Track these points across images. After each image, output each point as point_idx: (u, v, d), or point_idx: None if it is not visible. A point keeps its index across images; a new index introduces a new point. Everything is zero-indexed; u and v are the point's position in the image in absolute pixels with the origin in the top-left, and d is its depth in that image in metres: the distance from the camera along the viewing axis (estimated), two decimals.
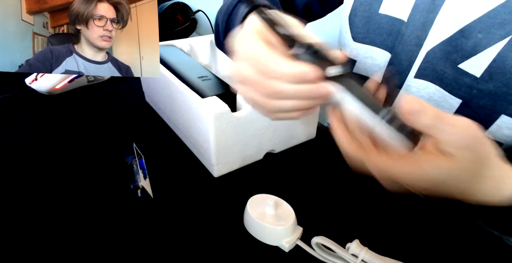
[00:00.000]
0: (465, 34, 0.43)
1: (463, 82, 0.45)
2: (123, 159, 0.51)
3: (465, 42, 0.43)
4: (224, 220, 0.42)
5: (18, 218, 0.42)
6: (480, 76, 0.43)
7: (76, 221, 0.42)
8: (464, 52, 0.44)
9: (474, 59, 0.43)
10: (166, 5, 1.02)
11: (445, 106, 0.48)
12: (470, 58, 0.44)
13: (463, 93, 0.46)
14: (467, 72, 0.44)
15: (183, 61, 0.57)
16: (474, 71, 0.44)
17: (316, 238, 0.37)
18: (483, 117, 0.45)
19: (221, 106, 0.43)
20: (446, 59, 0.46)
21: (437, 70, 0.47)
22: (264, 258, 0.38)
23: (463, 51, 0.44)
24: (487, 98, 0.44)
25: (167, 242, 0.40)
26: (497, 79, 0.42)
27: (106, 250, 0.38)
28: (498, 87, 0.42)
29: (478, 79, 0.44)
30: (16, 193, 0.46)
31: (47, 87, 0.67)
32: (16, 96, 0.68)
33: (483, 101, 0.45)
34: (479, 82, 0.44)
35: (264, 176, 0.50)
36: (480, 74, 0.43)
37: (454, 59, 0.45)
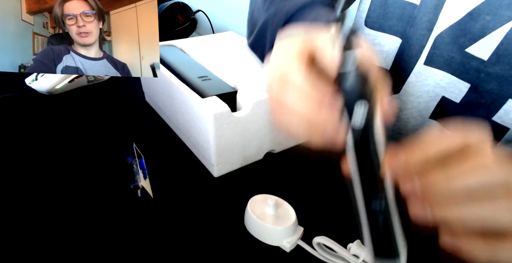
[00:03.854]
0: (474, 17, 0.43)
1: (471, 66, 0.45)
2: (123, 159, 0.51)
3: (473, 25, 0.43)
4: (225, 220, 0.42)
5: (18, 218, 0.42)
6: (487, 59, 0.43)
7: (76, 221, 0.42)
8: (472, 36, 0.44)
9: (482, 42, 0.43)
10: (166, 5, 1.02)
11: (454, 92, 0.48)
12: (477, 41, 0.43)
13: (471, 78, 0.45)
14: (475, 55, 0.44)
15: (183, 61, 0.57)
16: (482, 54, 0.43)
17: (317, 238, 0.36)
18: (491, 102, 0.45)
19: (221, 106, 0.43)
20: (454, 43, 0.45)
21: (445, 55, 0.47)
22: (265, 258, 0.38)
23: (471, 34, 0.44)
24: (494, 82, 0.44)
25: (167, 242, 0.39)
26: (504, 62, 0.42)
27: (106, 250, 0.38)
28: (505, 70, 0.42)
29: (485, 62, 0.43)
30: (16, 192, 0.46)
31: (47, 87, 0.66)
32: (16, 96, 0.68)
33: (490, 86, 0.44)
34: (486, 66, 0.44)
35: (264, 176, 0.50)
36: (487, 57, 0.43)
37: (462, 43, 0.45)
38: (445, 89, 0.49)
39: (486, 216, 0.22)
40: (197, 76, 0.51)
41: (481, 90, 0.45)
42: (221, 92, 0.47)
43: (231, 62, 0.56)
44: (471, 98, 0.47)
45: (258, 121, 0.48)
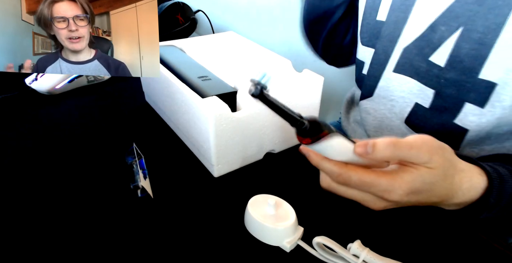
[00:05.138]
0: (434, 29, 0.48)
1: (433, 73, 0.49)
2: (123, 159, 0.51)
3: (434, 36, 0.48)
4: (225, 220, 0.42)
5: (18, 218, 0.42)
6: (444, 65, 0.48)
7: (76, 221, 0.42)
8: (433, 45, 0.48)
9: (440, 50, 0.48)
10: (166, 5, 1.02)
11: (424, 98, 0.52)
12: (436, 50, 0.48)
13: (434, 84, 0.50)
14: (435, 63, 0.48)
15: (183, 61, 0.57)
16: (440, 61, 0.48)
17: (317, 238, 0.36)
18: (452, 106, 0.49)
19: (221, 106, 0.43)
20: (420, 54, 0.50)
21: (414, 65, 0.51)
22: (265, 259, 0.38)
23: (432, 44, 0.48)
24: (452, 87, 0.48)
25: (167, 242, 0.39)
26: (456, 67, 0.46)
27: (106, 250, 0.38)
28: (458, 75, 0.46)
29: (443, 69, 0.48)
30: (16, 192, 0.46)
31: (47, 87, 0.67)
32: (16, 96, 0.68)
33: (449, 90, 0.48)
34: (444, 72, 0.48)
35: (264, 176, 0.50)
36: (444, 64, 0.47)
37: (426, 53, 0.49)
38: (417, 95, 0.53)
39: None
40: (197, 76, 0.51)
41: (444, 95, 0.49)
42: (221, 92, 0.47)
43: (231, 62, 0.56)
44: (437, 103, 0.51)
45: (258, 121, 0.48)
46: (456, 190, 0.36)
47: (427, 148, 0.33)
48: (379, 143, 0.32)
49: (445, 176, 0.34)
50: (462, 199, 0.37)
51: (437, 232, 0.42)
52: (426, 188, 0.34)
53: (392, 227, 0.42)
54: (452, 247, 0.40)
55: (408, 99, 0.54)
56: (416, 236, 0.41)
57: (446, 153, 0.35)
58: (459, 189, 0.36)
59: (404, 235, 0.41)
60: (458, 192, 0.36)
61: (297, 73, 0.52)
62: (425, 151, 0.33)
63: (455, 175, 0.36)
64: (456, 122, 0.49)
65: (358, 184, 0.34)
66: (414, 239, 0.41)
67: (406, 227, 0.42)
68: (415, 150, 0.33)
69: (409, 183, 0.33)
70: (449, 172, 0.35)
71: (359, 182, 0.34)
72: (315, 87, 0.52)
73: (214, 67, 0.55)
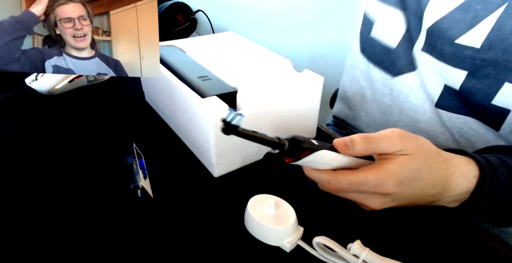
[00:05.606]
0: (464, 8, 0.45)
1: (464, 55, 0.47)
2: (123, 159, 0.51)
3: (464, 16, 0.45)
4: (225, 220, 0.42)
5: (18, 218, 0.42)
6: (480, 46, 0.45)
7: (76, 221, 0.42)
8: (463, 26, 0.46)
9: (473, 31, 0.45)
10: (166, 5, 1.02)
11: (453, 80, 0.49)
12: (469, 31, 0.45)
13: (467, 65, 0.47)
14: (467, 45, 0.46)
15: (183, 61, 0.57)
16: (474, 43, 0.45)
17: (317, 238, 0.36)
18: (489, 87, 0.47)
19: (221, 106, 0.43)
20: (444, 36, 0.48)
21: (438, 47, 0.49)
22: (265, 259, 0.38)
23: (462, 25, 0.46)
24: (490, 67, 0.46)
25: (167, 242, 0.39)
26: (497, 47, 0.44)
27: (106, 250, 0.38)
28: (498, 55, 0.44)
29: (479, 49, 0.45)
30: (16, 193, 0.46)
31: (47, 87, 0.66)
32: (16, 96, 0.68)
33: (486, 71, 0.46)
34: (480, 52, 0.45)
35: (264, 176, 0.50)
36: (480, 44, 0.45)
37: (451, 35, 0.47)
38: (445, 78, 0.51)
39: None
40: (197, 76, 0.51)
41: (479, 76, 0.47)
42: (221, 92, 0.47)
43: (231, 62, 0.56)
44: (470, 85, 0.49)
45: (258, 122, 0.48)
46: (447, 178, 0.37)
47: (397, 136, 0.35)
48: (355, 137, 0.35)
49: (427, 162, 0.35)
50: (457, 190, 0.37)
51: (437, 232, 0.42)
52: (414, 175, 0.35)
53: (392, 227, 0.42)
54: (452, 247, 0.40)
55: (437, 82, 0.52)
56: (416, 236, 0.41)
57: (419, 140, 0.37)
58: (450, 178, 0.37)
59: (404, 235, 0.41)
60: (451, 182, 0.37)
61: (297, 73, 0.52)
62: (396, 139, 0.35)
63: (441, 164, 0.36)
64: (494, 103, 0.47)
65: (349, 186, 0.35)
66: (414, 239, 0.41)
67: (406, 227, 0.42)
68: (386, 139, 0.35)
69: (396, 173, 0.34)
70: (431, 159, 0.36)
71: (350, 184, 0.35)
72: (315, 87, 0.52)
73: (214, 67, 0.55)
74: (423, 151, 0.36)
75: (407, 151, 0.35)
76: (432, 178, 0.36)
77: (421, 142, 0.37)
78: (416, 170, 0.35)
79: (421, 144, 0.36)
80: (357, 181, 0.35)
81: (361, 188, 0.35)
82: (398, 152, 0.35)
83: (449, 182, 0.37)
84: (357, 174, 0.35)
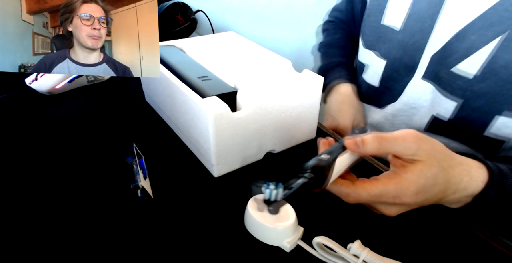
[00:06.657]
0: (460, 38, 0.46)
1: (457, 84, 0.48)
2: (123, 159, 0.51)
3: (460, 45, 0.46)
4: (225, 220, 0.42)
5: (18, 218, 0.42)
6: (472, 77, 0.46)
7: (76, 221, 0.42)
8: (459, 55, 0.46)
9: (468, 60, 0.46)
10: (166, 5, 1.02)
11: (448, 108, 0.50)
12: (463, 60, 0.46)
13: (459, 95, 0.48)
14: (460, 75, 0.47)
15: (183, 61, 0.57)
16: (467, 73, 0.46)
17: (317, 238, 0.36)
18: (479, 119, 0.48)
19: (221, 106, 0.43)
20: (441, 63, 0.49)
21: (436, 73, 0.50)
22: (265, 259, 0.38)
23: (457, 54, 0.47)
24: (481, 99, 0.46)
25: (167, 242, 0.39)
26: (489, 79, 0.44)
27: (106, 250, 0.38)
28: (491, 87, 0.45)
29: (471, 80, 0.46)
30: (16, 192, 0.46)
31: (47, 87, 0.66)
32: (16, 96, 0.68)
33: (478, 103, 0.47)
34: (472, 84, 0.46)
35: (264, 176, 0.50)
36: (473, 75, 0.46)
37: (448, 63, 0.48)
38: (440, 104, 0.52)
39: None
40: (197, 76, 0.51)
41: (470, 107, 0.48)
42: (221, 92, 0.47)
43: (231, 62, 0.56)
44: (461, 115, 0.50)
45: (258, 121, 0.48)
46: (458, 182, 0.36)
47: (412, 139, 0.34)
48: (367, 137, 0.35)
49: (442, 167, 0.35)
50: (463, 193, 0.37)
51: (437, 232, 0.42)
52: (430, 182, 0.34)
53: (392, 227, 0.42)
54: (452, 247, 0.40)
55: (429, 109, 0.53)
56: (416, 236, 0.41)
57: (435, 144, 0.36)
58: (460, 182, 0.36)
59: (404, 235, 0.41)
60: (460, 185, 0.36)
61: (297, 73, 0.52)
62: (411, 141, 0.34)
63: (454, 168, 0.36)
64: (487, 135, 0.48)
65: (369, 198, 0.35)
66: (414, 239, 0.41)
67: (406, 227, 0.42)
68: (400, 141, 0.34)
69: (414, 182, 0.34)
70: (445, 163, 0.35)
71: (369, 197, 0.35)
72: (315, 87, 0.52)
73: (214, 67, 0.55)
74: (437, 155, 0.35)
75: (422, 156, 0.34)
76: (445, 183, 0.35)
77: (436, 145, 0.36)
78: (432, 178, 0.34)
79: (436, 148, 0.35)
80: (377, 193, 0.34)
81: (381, 199, 0.35)
82: (412, 155, 0.34)
83: (459, 185, 0.37)
84: (376, 185, 0.35)
